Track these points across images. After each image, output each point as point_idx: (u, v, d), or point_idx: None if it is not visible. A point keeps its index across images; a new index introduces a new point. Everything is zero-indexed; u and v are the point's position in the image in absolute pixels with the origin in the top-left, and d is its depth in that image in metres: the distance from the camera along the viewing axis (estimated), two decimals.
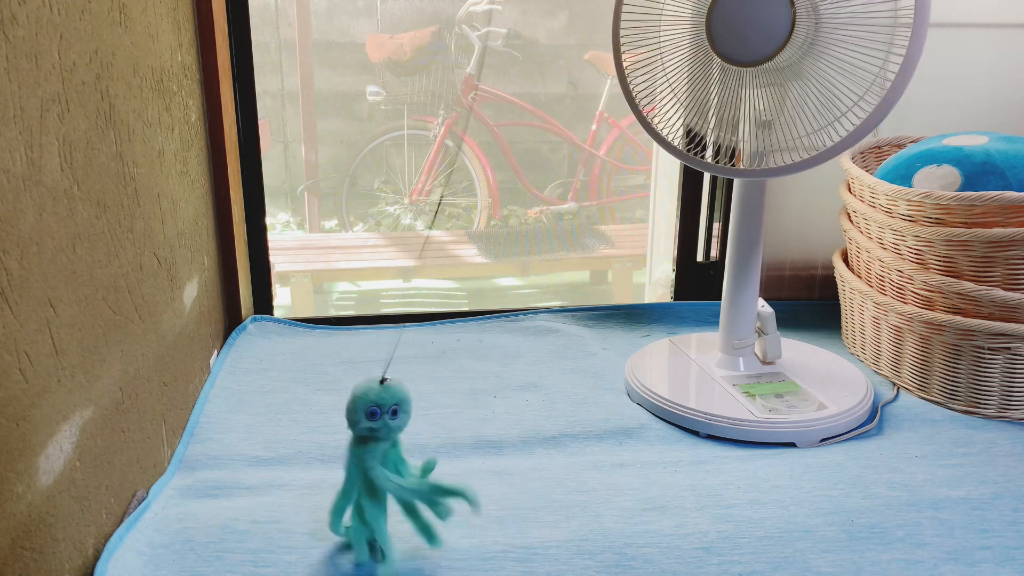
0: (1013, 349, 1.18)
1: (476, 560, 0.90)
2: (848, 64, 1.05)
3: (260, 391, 1.30)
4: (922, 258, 1.24)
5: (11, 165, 0.70)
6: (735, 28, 1.05)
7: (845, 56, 1.05)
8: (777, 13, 1.03)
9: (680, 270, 1.68)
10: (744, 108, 1.11)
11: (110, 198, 0.91)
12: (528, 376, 1.35)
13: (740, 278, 1.26)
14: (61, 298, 0.79)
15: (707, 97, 1.12)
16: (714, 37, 1.04)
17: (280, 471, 1.08)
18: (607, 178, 3.38)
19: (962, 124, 1.59)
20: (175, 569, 0.88)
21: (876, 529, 0.96)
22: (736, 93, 1.10)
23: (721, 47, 1.04)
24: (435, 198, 3.31)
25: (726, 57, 1.05)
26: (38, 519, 0.75)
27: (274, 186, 3.47)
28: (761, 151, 1.11)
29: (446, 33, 3.28)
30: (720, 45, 1.04)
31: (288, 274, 2.74)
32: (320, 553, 0.91)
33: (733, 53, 1.05)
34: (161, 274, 1.09)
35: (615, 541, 0.93)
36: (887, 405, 1.26)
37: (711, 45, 1.04)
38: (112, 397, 0.91)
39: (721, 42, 1.04)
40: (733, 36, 1.05)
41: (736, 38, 1.05)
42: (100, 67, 0.89)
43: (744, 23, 1.05)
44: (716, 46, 1.04)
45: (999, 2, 1.54)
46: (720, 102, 1.11)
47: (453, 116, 3.22)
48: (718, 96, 1.11)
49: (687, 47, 1.11)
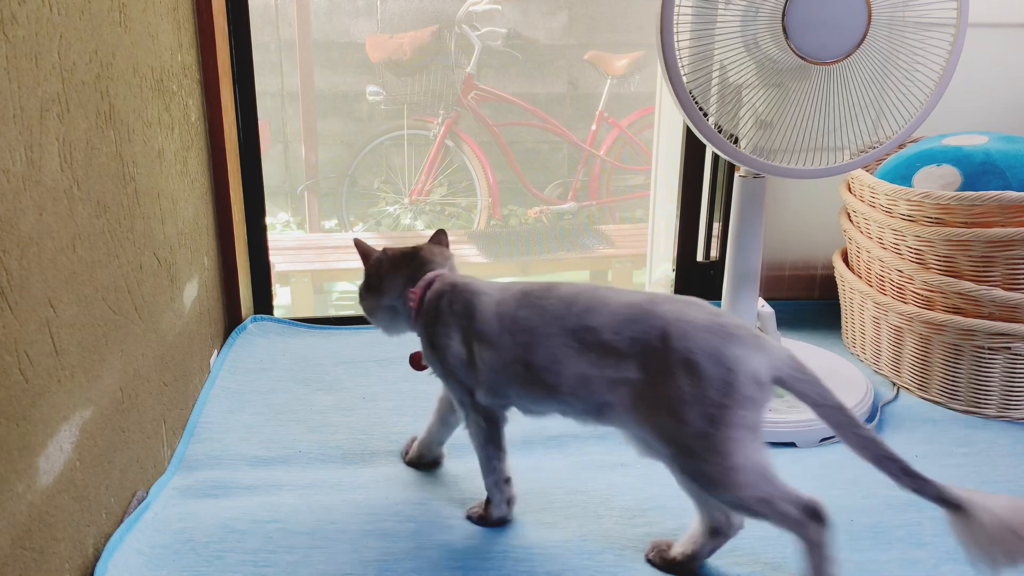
0: (1013, 349, 1.18)
1: (476, 560, 0.90)
2: (906, 64, 1.07)
3: (260, 391, 1.30)
4: (922, 258, 1.24)
5: (11, 165, 0.70)
6: (814, 25, 1.03)
7: (903, 56, 1.07)
8: (855, 11, 1.03)
9: (680, 270, 1.68)
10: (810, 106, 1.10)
11: (110, 198, 0.91)
12: None
13: (740, 278, 1.26)
14: (61, 298, 0.79)
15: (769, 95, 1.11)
16: (790, 33, 1.02)
17: (280, 471, 1.08)
18: (607, 178, 3.38)
19: (962, 124, 1.58)
20: (175, 569, 0.88)
21: (876, 529, 0.96)
22: (806, 90, 1.09)
23: (799, 43, 1.02)
24: (435, 198, 3.31)
25: (803, 54, 1.03)
26: (38, 519, 0.75)
27: (274, 186, 3.47)
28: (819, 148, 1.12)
29: (446, 33, 3.27)
30: (798, 41, 1.02)
31: (288, 274, 2.74)
32: (320, 553, 0.91)
33: (811, 50, 1.03)
34: (161, 274, 1.09)
35: (615, 541, 0.93)
36: (887, 405, 1.26)
37: (787, 41, 1.02)
38: (112, 397, 0.91)
39: (799, 38, 1.02)
40: (812, 33, 1.03)
41: (814, 35, 1.03)
42: (100, 67, 0.89)
43: (822, 20, 1.04)
44: (793, 42, 1.02)
45: (999, 2, 1.54)
46: (788, 101, 1.09)
47: (453, 116, 3.22)
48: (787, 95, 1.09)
49: (752, 45, 1.09)
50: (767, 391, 0.77)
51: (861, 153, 1.12)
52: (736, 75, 1.09)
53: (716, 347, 0.77)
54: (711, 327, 0.78)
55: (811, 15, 1.02)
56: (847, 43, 1.05)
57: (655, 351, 0.79)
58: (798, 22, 1.03)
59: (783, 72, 1.07)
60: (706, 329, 0.78)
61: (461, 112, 3.28)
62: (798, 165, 1.12)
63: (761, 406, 0.77)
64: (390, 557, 0.90)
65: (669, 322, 0.79)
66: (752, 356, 0.77)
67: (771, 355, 0.78)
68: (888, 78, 1.10)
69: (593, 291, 0.85)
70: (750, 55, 1.07)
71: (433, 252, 0.99)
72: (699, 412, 0.76)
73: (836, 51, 1.05)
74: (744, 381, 0.75)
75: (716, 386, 0.76)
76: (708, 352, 0.77)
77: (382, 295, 0.99)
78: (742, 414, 0.76)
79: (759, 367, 0.76)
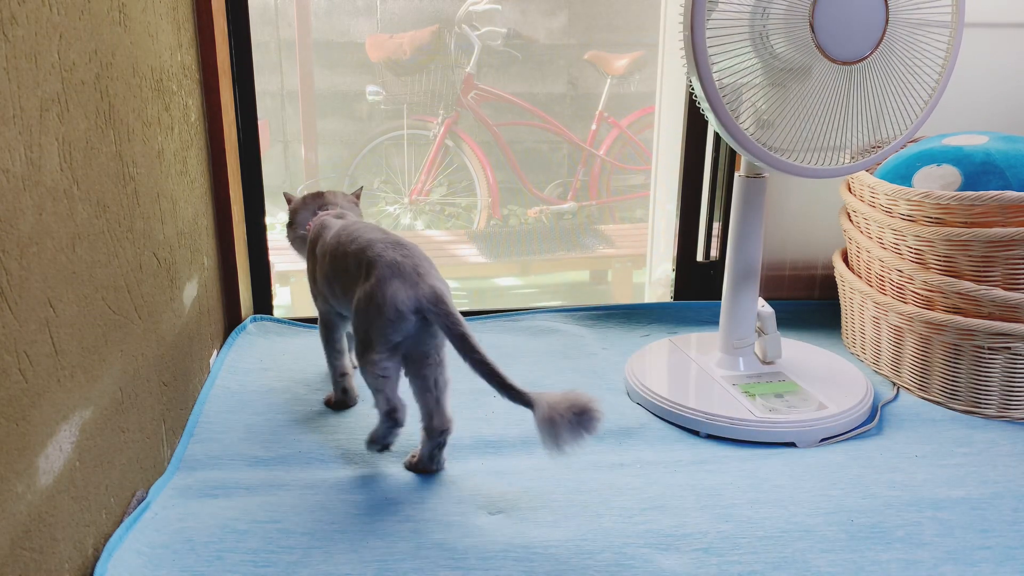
0: (1013, 349, 1.18)
1: (476, 560, 0.90)
2: (915, 63, 1.08)
3: (260, 391, 1.30)
4: (922, 258, 1.24)
5: (11, 165, 0.70)
6: (839, 27, 1.03)
7: (912, 57, 1.08)
8: (874, 12, 1.03)
9: (680, 270, 1.68)
10: (834, 107, 1.10)
11: (110, 198, 0.91)
12: (528, 376, 1.35)
13: (740, 278, 1.26)
14: (61, 298, 0.79)
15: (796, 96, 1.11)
16: (818, 35, 1.02)
17: (280, 471, 1.08)
18: (607, 178, 3.38)
19: (962, 124, 1.58)
20: (175, 569, 0.88)
21: (876, 529, 0.96)
22: (808, 90, 1.09)
23: (826, 44, 1.02)
24: (435, 198, 3.31)
25: (830, 55, 1.03)
26: (38, 519, 0.75)
27: (274, 186, 3.46)
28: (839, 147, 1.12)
29: (446, 33, 3.27)
30: (826, 43, 1.02)
31: (288, 274, 2.73)
32: (320, 553, 0.91)
33: (838, 51, 1.03)
34: (161, 274, 1.09)
35: (615, 541, 0.93)
36: (887, 405, 1.26)
37: (815, 43, 1.02)
38: (112, 397, 0.91)
39: (827, 40, 1.02)
40: (838, 34, 1.03)
41: (841, 36, 1.03)
42: (100, 67, 0.89)
43: (846, 22, 1.04)
44: (820, 43, 1.02)
45: (999, 2, 1.54)
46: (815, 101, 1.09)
47: (453, 116, 3.22)
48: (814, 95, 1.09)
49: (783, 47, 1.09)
50: (406, 317, 1.00)
51: (875, 149, 1.13)
52: (741, 75, 1.09)
53: (384, 278, 1.01)
54: (390, 263, 1.02)
55: (838, 14, 1.03)
56: (868, 43, 1.05)
57: (361, 276, 1.04)
58: (826, 21, 1.03)
59: (787, 72, 1.07)
60: (387, 264, 1.02)
61: (461, 112, 3.28)
62: (805, 164, 1.12)
63: (399, 327, 1.00)
64: (390, 557, 0.90)
65: (372, 258, 1.03)
66: (401, 289, 1.00)
67: (417, 291, 1.00)
68: (898, 77, 1.10)
69: (361, 233, 1.09)
70: (757, 54, 1.07)
71: (336, 196, 1.28)
72: (363, 319, 1.03)
73: (857, 51, 1.05)
74: (390, 307, 0.99)
75: (375, 306, 1.01)
76: (380, 282, 1.01)
77: (296, 227, 1.27)
78: (385, 325, 1.00)
79: (404, 299, 0.99)
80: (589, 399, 0.92)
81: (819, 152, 1.12)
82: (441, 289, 1.01)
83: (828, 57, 1.04)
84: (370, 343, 1.02)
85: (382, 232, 1.09)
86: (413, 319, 1.00)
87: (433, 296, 0.99)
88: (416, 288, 1.00)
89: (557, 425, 0.90)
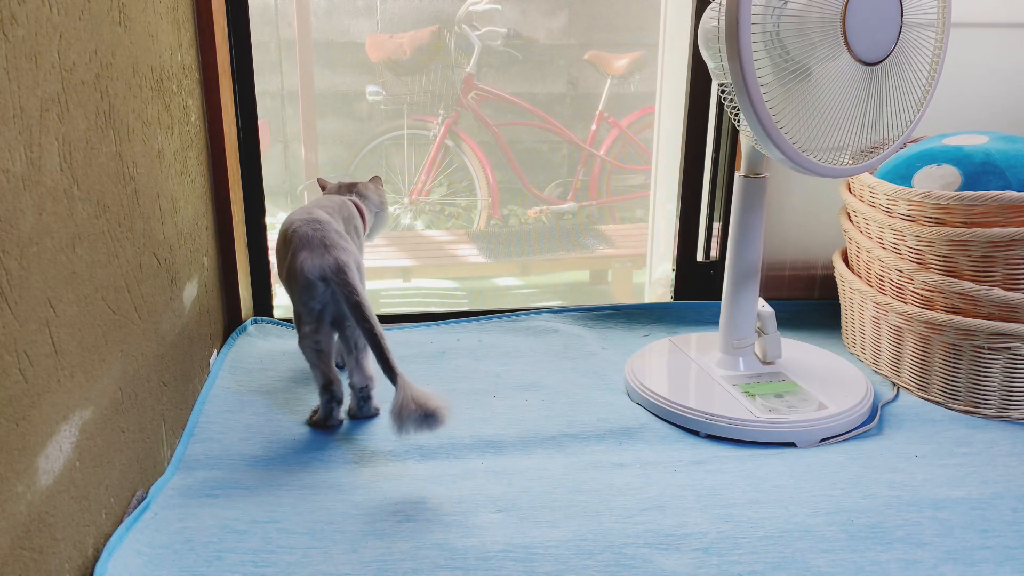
0: (1013, 349, 1.18)
1: (476, 560, 0.90)
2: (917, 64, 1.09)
3: (260, 391, 1.30)
4: (922, 258, 1.24)
5: (11, 165, 0.70)
6: (867, 30, 1.04)
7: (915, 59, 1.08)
8: (890, 15, 1.04)
9: (680, 270, 1.68)
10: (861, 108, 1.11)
11: (110, 198, 0.91)
12: (528, 376, 1.35)
13: (740, 278, 1.26)
14: (61, 298, 0.79)
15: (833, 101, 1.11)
16: (849, 38, 1.02)
17: (280, 471, 1.08)
18: (607, 178, 3.38)
19: (962, 124, 1.59)
20: (175, 569, 0.88)
21: (876, 529, 0.96)
22: (811, 89, 1.09)
23: (857, 47, 1.02)
24: (435, 198, 3.31)
25: (860, 57, 1.03)
26: (38, 519, 0.75)
27: (274, 186, 3.47)
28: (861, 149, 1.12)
29: (446, 33, 3.27)
30: (856, 46, 1.02)
31: None
32: (319, 553, 0.91)
33: (866, 53, 1.04)
34: (161, 274, 1.09)
35: (615, 541, 0.93)
36: (887, 405, 1.26)
37: (847, 46, 1.02)
38: (112, 397, 0.91)
39: (857, 43, 1.03)
40: (866, 36, 1.04)
41: (868, 38, 1.04)
42: (100, 67, 0.89)
43: (872, 25, 1.04)
44: (851, 46, 1.02)
45: (999, 2, 1.54)
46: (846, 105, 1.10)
47: (453, 116, 3.21)
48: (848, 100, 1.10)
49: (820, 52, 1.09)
50: (315, 284, 1.10)
51: (875, 149, 1.13)
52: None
53: (296, 250, 1.11)
54: (302, 236, 1.12)
55: (867, 16, 1.03)
56: (887, 44, 1.05)
57: (289, 254, 1.14)
58: (857, 22, 1.03)
59: (793, 71, 1.07)
60: (300, 237, 1.12)
61: (461, 112, 3.28)
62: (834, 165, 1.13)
63: (311, 294, 1.11)
64: (389, 557, 0.90)
65: (290, 235, 1.14)
66: (309, 258, 1.10)
67: (323, 260, 1.09)
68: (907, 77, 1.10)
69: (294, 215, 1.18)
70: (768, 54, 1.07)
71: (367, 188, 1.38)
72: (289, 291, 1.15)
73: (879, 52, 1.05)
74: (300, 275, 1.10)
75: (292, 276, 1.12)
76: (294, 254, 1.11)
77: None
78: (300, 294, 1.11)
79: (311, 267, 1.09)
80: (441, 405, 1.00)
81: (827, 152, 1.12)
82: (344, 260, 1.10)
83: (859, 60, 1.04)
84: (299, 316, 1.14)
85: (307, 212, 1.18)
86: (321, 286, 1.10)
87: (335, 266, 1.09)
88: (322, 258, 1.10)
89: (404, 415, 0.99)
